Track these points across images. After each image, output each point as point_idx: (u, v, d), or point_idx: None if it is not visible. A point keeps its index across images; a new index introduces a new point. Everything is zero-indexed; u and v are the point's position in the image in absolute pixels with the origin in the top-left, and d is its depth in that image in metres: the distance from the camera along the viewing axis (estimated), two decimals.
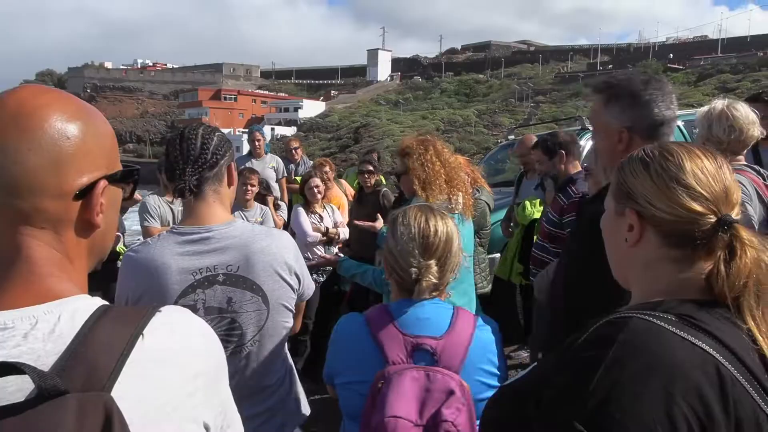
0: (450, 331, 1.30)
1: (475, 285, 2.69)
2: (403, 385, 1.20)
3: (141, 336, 0.64)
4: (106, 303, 0.69)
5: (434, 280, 1.32)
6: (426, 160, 2.36)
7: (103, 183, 0.71)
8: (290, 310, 1.56)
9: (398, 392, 1.19)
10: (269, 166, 5.72)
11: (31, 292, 0.65)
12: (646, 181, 0.87)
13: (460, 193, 2.38)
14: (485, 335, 1.34)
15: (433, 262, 1.34)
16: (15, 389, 0.57)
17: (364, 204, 4.75)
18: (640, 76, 1.50)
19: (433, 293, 1.35)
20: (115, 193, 0.75)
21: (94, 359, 0.60)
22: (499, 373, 1.33)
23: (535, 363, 0.88)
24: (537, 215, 3.74)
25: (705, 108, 2.27)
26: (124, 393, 0.60)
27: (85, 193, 0.69)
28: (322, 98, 78.88)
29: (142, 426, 0.60)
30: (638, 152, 0.91)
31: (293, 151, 6.24)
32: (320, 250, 4.16)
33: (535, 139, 4.04)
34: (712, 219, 0.82)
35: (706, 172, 0.84)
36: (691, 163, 0.85)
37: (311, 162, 5.85)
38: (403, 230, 1.37)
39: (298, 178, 5.44)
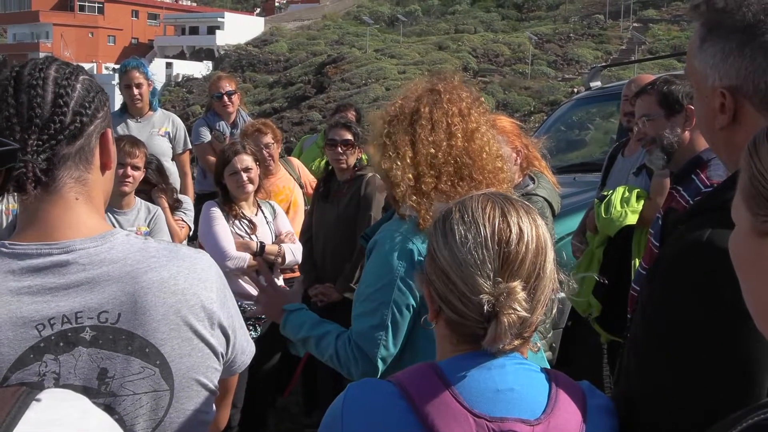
0: (551, 411, 1.37)
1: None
2: None
3: None
4: None
5: (522, 313, 1.37)
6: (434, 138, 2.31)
7: None
8: (211, 391, 1.59)
9: None
10: (160, 133, 5.77)
11: None
12: None
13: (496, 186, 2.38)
14: (603, 419, 1.42)
15: (518, 284, 1.38)
16: None
17: (333, 201, 4.79)
18: None
19: (515, 342, 1.40)
20: None
21: None
22: None
23: None
24: (632, 220, 3.81)
25: None
26: None
27: None
28: (258, 11, 78.80)
29: None
30: None
31: (225, 99, 6.24)
32: (250, 284, 4.16)
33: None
34: None
35: None
36: None
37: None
38: (465, 231, 1.42)
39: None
